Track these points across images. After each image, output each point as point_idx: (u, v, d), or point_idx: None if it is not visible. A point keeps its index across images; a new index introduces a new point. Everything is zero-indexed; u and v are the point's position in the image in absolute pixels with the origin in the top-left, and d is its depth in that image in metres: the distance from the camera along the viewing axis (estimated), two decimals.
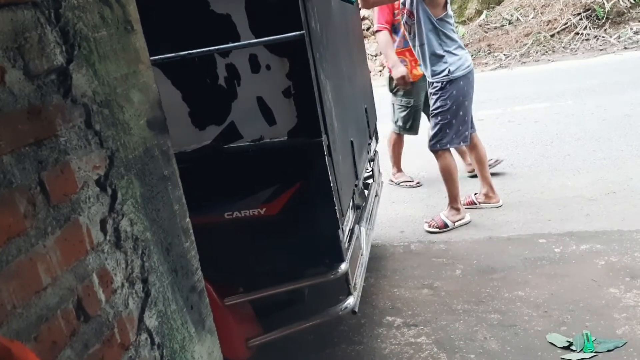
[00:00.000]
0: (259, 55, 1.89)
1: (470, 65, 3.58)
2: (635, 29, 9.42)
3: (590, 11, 9.98)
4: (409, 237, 3.69)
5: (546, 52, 9.72)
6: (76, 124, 1.03)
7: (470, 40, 10.72)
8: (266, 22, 1.87)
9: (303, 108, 1.91)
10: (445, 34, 3.49)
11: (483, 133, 4.32)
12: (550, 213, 3.66)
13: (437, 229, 3.67)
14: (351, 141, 2.49)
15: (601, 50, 9.17)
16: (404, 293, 2.99)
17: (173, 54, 1.92)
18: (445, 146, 3.64)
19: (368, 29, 11.57)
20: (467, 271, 3.11)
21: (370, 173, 3.25)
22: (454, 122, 3.58)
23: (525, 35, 10.25)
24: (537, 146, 5.04)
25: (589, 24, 9.85)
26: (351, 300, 2.12)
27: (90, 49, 1.08)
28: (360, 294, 2.24)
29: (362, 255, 2.43)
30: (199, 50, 1.91)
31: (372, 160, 3.32)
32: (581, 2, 10.10)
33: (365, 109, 3.21)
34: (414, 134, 4.53)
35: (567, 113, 5.87)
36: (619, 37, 9.37)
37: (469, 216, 3.77)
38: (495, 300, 2.77)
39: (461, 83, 3.53)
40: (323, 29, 2.13)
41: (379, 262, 3.38)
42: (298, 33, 1.83)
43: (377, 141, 3.64)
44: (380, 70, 11.03)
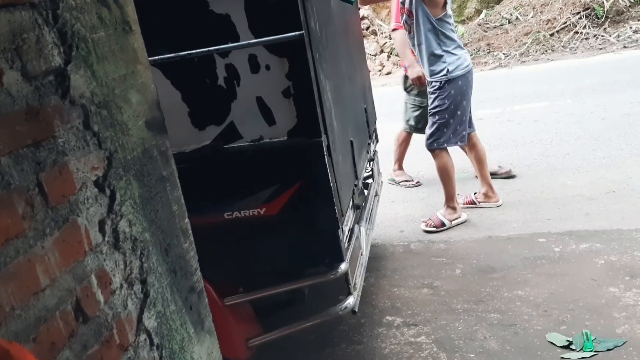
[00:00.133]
0: (259, 56, 1.89)
1: (469, 65, 3.58)
2: (634, 27, 9.42)
3: (589, 10, 9.98)
4: (408, 237, 3.69)
5: (545, 51, 9.72)
6: (74, 125, 1.03)
7: (470, 40, 10.72)
8: (265, 22, 1.86)
9: (302, 108, 1.91)
10: (444, 34, 3.49)
11: (482, 132, 4.33)
12: (550, 212, 3.66)
13: (434, 228, 3.68)
14: (351, 141, 2.49)
15: (600, 49, 9.17)
16: (404, 292, 2.99)
17: (172, 54, 1.92)
18: (443, 145, 3.65)
19: (367, 28, 11.58)
20: (467, 270, 3.11)
21: (370, 173, 3.25)
22: (452, 122, 3.58)
23: (525, 35, 10.25)
24: (537, 145, 5.04)
25: (589, 23, 9.85)
26: (351, 300, 2.12)
27: (89, 49, 1.08)
28: (360, 293, 2.24)
29: (362, 254, 2.43)
30: (198, 50, 1.90)
31: (372, 160, 3.32)
32: (580, 1, 10.10)
33: (365, 109, 3.21)
34: (424, 134, 4.55)
35: (567, 112, 5.87)
36: (619, 36, 9.38)
37: (465, 215, 3.77)
38: (495, 299, 2.77)
39: (460, 83, 3.53)
40: (322, 29, 2.13)
41: (378, 262, 3.38)
42: (297, 33, 1.83)
43: (377, 141, 3.64)
44: (380, 70, 11.03)
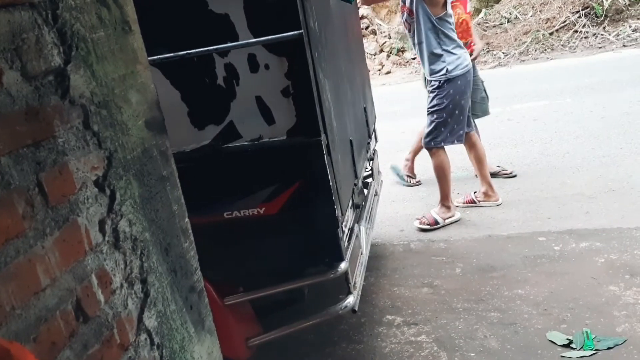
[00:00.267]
0: (258, 55, 1.89)
1: (468, 64, 3.58)
2: (634, 26, 9.43)
3: (589, 9, 9.98)
4: (408, 236, 3.70)
5: (545, 50, 9.72)
6: (74, 125, 1.03)
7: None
8: (265, 22, 1.86)
9: (302, 107, 1.91)
10: (444, 33, 3.50)
11: (482, 131, 4.34)
12: (550, 211, 3.66)
13: (428, 226, 3.70)
14: (350, 140, 2.49)
15: (600, 48, 9.18)
16: (404, 292, 2.99)
17: (172, 54, 1.92)
18: (440, 144, 3.67)
19: (367, 27, 11.58)
20: (467, 269, 3.11)
21: (370, 172, 3.25)
22: (450, 121, 3.59)
23: (524, 34, 10.26)
24: (536, 144, 5.04)
25: (588, 22, 9.86)
26: (351, 299, 2.12)
27: (88, 49, 1.08)
28: (360, 292, 2.24)
29: (362, 254, 2.43)
30: (197, 50, 1.91)
31: (372, 159, 3.32)
32: (580, 0, 10.11)
33: (365, 108, 3.21)
34: None
35: (566, 111, 5.87)
36: (618, 35, 9.38)
37: (459, 214, 3.80)
38: (495, 298, 2.77)
39: (459, 82, 3.54)
40: (322, 28, 2.13)
41: (378, 261, 3.38)
42: (296, 32, 1.83)
43: (377, 140, 3.65)
44: (379, 69, 11.03)
